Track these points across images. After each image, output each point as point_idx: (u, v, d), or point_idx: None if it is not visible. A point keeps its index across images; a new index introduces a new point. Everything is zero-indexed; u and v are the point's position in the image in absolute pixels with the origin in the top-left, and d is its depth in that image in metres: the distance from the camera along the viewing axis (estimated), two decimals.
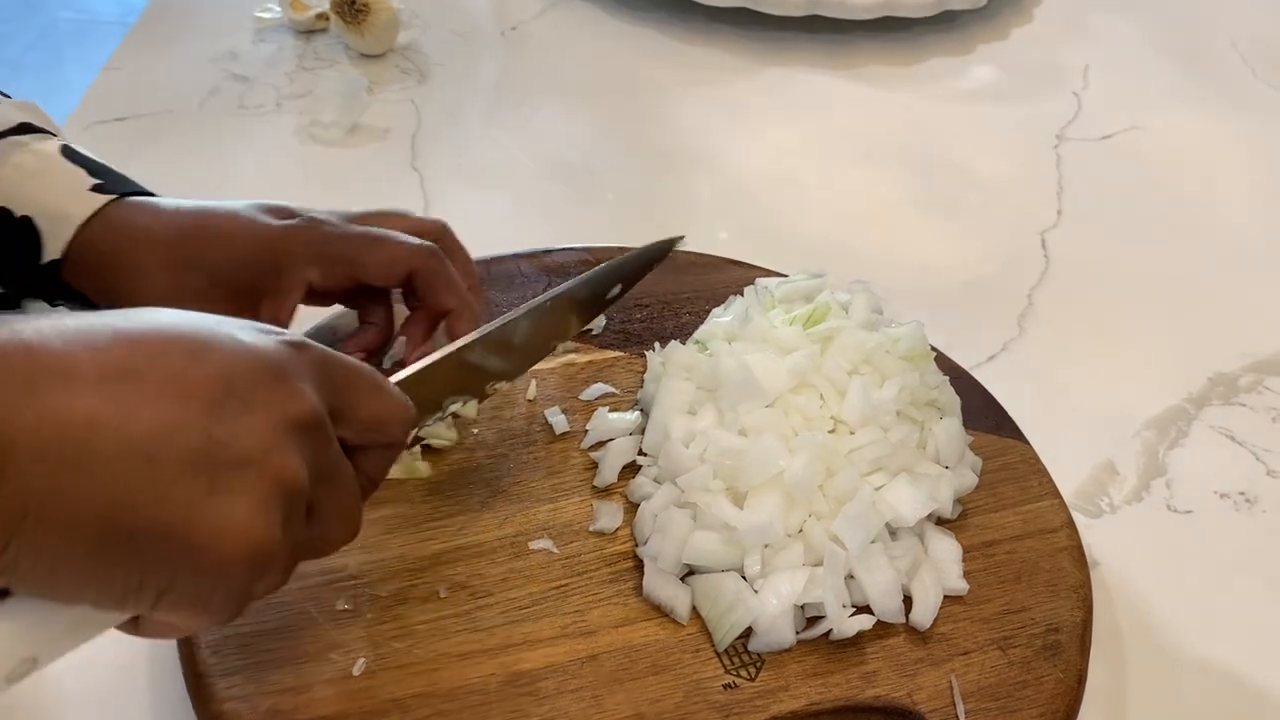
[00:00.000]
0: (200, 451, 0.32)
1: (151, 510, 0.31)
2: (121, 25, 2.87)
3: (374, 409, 0.40)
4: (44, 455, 0.30)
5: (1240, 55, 1.12)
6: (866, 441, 0.53)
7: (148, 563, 0.32)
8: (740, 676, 0.49)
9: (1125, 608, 0.58)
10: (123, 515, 0.31)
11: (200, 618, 0.34)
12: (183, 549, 0.32)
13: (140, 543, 0.32)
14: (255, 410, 0.34)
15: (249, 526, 0.33)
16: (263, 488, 0.33)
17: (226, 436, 0.33)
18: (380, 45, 0.95)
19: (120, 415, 0.31)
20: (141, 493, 0.31)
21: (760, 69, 1.02)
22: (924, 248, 0.82)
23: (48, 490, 0.30)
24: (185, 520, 0.32)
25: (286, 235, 0.53)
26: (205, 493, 0.32)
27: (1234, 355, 0.75)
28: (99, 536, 0.31)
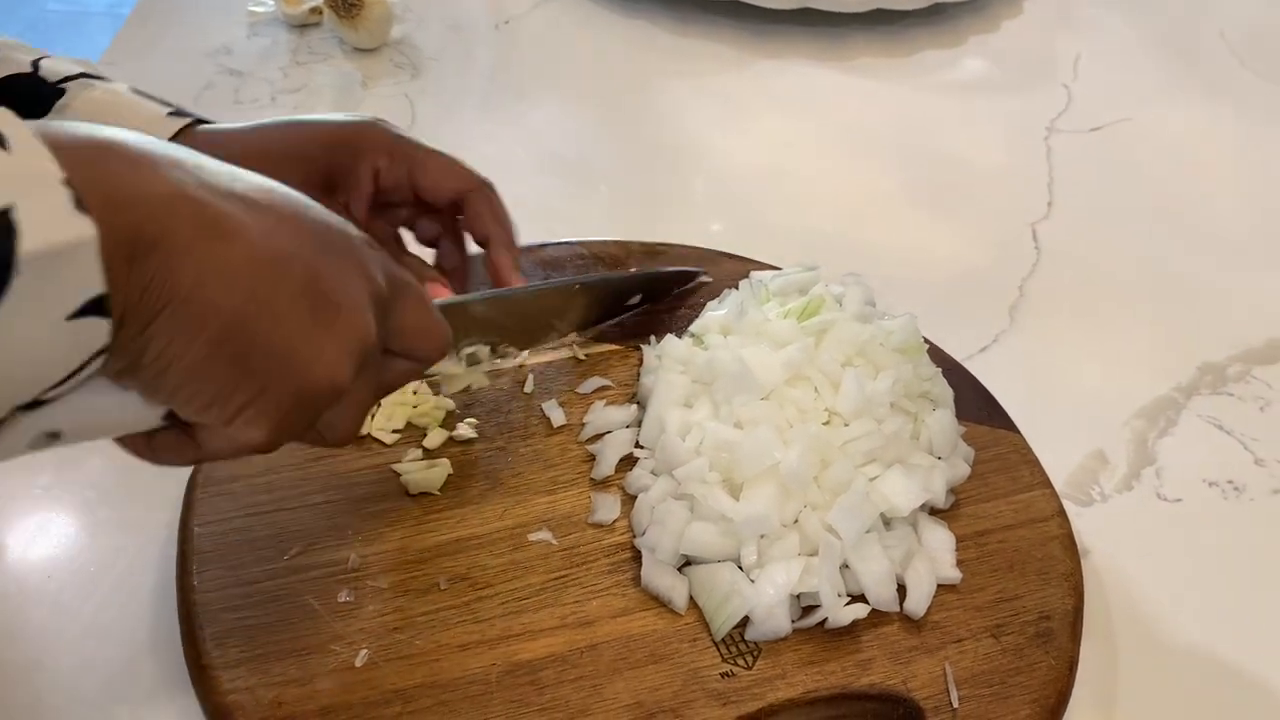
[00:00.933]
0: (310, 287, 0.36)
1: (267, 327, 0.35)
2: (111, 16, 2.86)
3: (417, 320, 0.43)
4: (193, 252, 0.33)
5: (1229, 46, 1.13)
6: (861, 433, 0.54)
7: (250, 373, 0.35)
8: (737, 665, 0.50)
9: (1116, 595, 0.58)
10: (245, 325, 0.34)
11: (260, 434, 0.37)
12: (282, 368, 0.36)
13: (249, 353, 0.35)
14: (351, 270, 0.38)
15: (336, 360, 0.37)
16: (349, 335, 0.37)
17: (331, 281, 0.37)
18: (374, 39, 0.95)
19: (260, 235, 0.35)
20: (260, 308, 0.34)
21: (753, 61, 1.02)
22: (916, 240, 0.83)
23: (192, 284, 0.33)
24: (290, 344, 0.36)
25: (359, 128, 0.56)
26: (310, 324, 0.36)
27: (1222, 345, 0.76)
28: (219, 340, 0.34)
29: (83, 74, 0.57)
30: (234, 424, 0.36)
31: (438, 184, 0.57)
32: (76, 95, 0.55)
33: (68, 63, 0.58)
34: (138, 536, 0.55)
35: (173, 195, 0.33)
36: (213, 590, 0.49)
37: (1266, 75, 1.08)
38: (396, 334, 0.42)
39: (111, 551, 0.54)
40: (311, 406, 0.37)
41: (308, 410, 0.38)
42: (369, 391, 0.42)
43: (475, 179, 0.57)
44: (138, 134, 0.34)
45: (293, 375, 0.36)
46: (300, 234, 0.37)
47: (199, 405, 0.35)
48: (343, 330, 0.37)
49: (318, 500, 0.54)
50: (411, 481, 0.55)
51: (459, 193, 0.57)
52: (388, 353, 0.43)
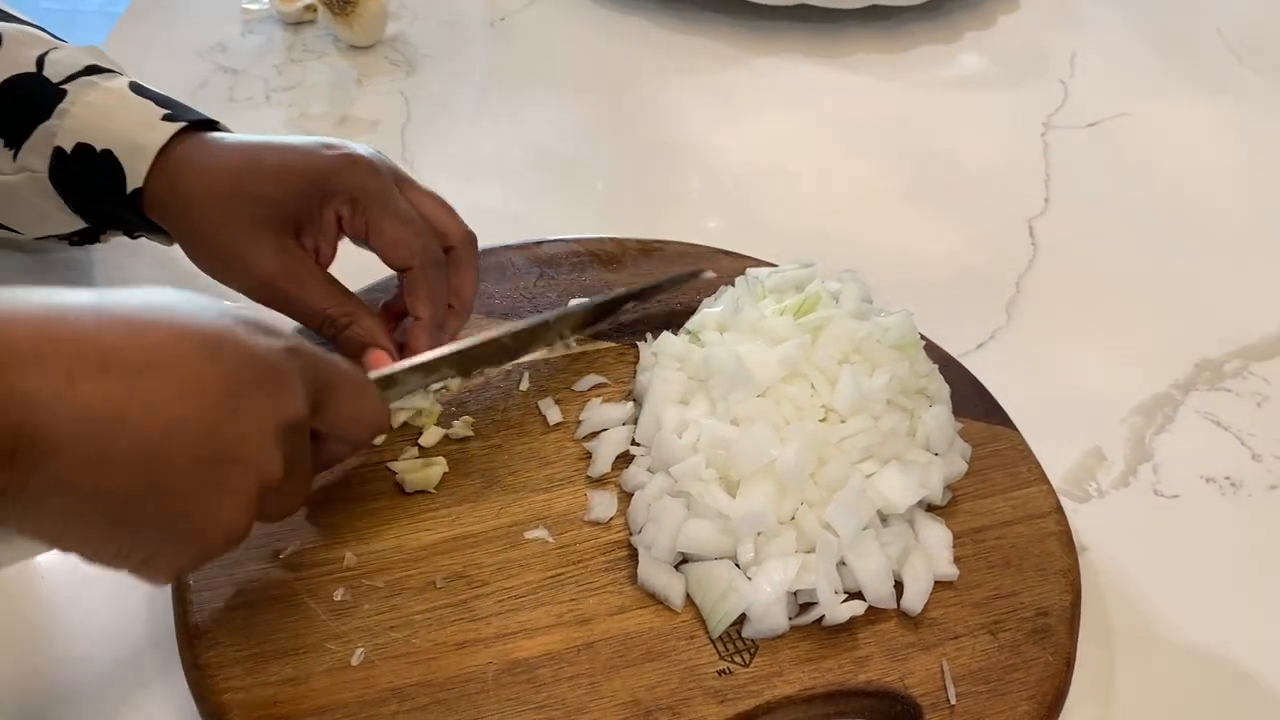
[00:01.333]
0: (204, 448, 0.37)
1: (158, 500, 0.36)
2: (104, 15, 2.86)
3: (352, 409, 0.45)
4: (76, 444, 0.33)
5: (1225, 42, 1.13)
6: (857, 430, 0.54)
7: (145, 538, 0.37)
8: (734, 662, 0.50)
9: (1113, 591, 0.58)
10: (134, 503, 0.36)
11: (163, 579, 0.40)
12: (177, 532, 0.38)
13: (144, 524, 0.36)
14: (253, 413, 0.38)
15: (233, 518, 0.38)
16: (249, 484, 0.38)
17: (229, 437, 0.37)
18: (369, 37, 0.95)
19: (143, 411, 0.35)
20: (153, 486, 0.36)
21: (749, 58, 1.02)
22: (913, 236, 0.83)
23: (77, 477, 0.34)
24: (184, 510, 0.37)
25: (333, 166, 0.55)
26: (204, 485, 0.37)
27: (1220, 341, 0.76)
28: (112, 518, 0.36)
29: (90, 67, 0.57)
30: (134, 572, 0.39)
31: (385, 254, 0.56)
32: (76, 99, 0.56)
33: (77, 53, 0.58)
34: None
35: (53, 392, 0.33)
36: (208, 590, 0.49)
37: (1263, 71, 1.08)
38: (332, 425, 0.45)
39: None
40: (214, 553, 0.40)
41: (209, 556, 0.40)
42: (302, 480, 0.44)
43: (427, 257, 0.56)
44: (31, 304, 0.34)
45: (189, 538, 0.38)
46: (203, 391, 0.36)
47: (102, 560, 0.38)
48: (242, 482, 0.38)
49: (313, 499, 0.54)
50: (407, 480, 0.55)
51: (402, 266, 0.56)
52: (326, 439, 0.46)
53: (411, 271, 0.56)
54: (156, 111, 0.56)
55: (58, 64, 0.57)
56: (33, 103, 0.56)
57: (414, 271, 0.56)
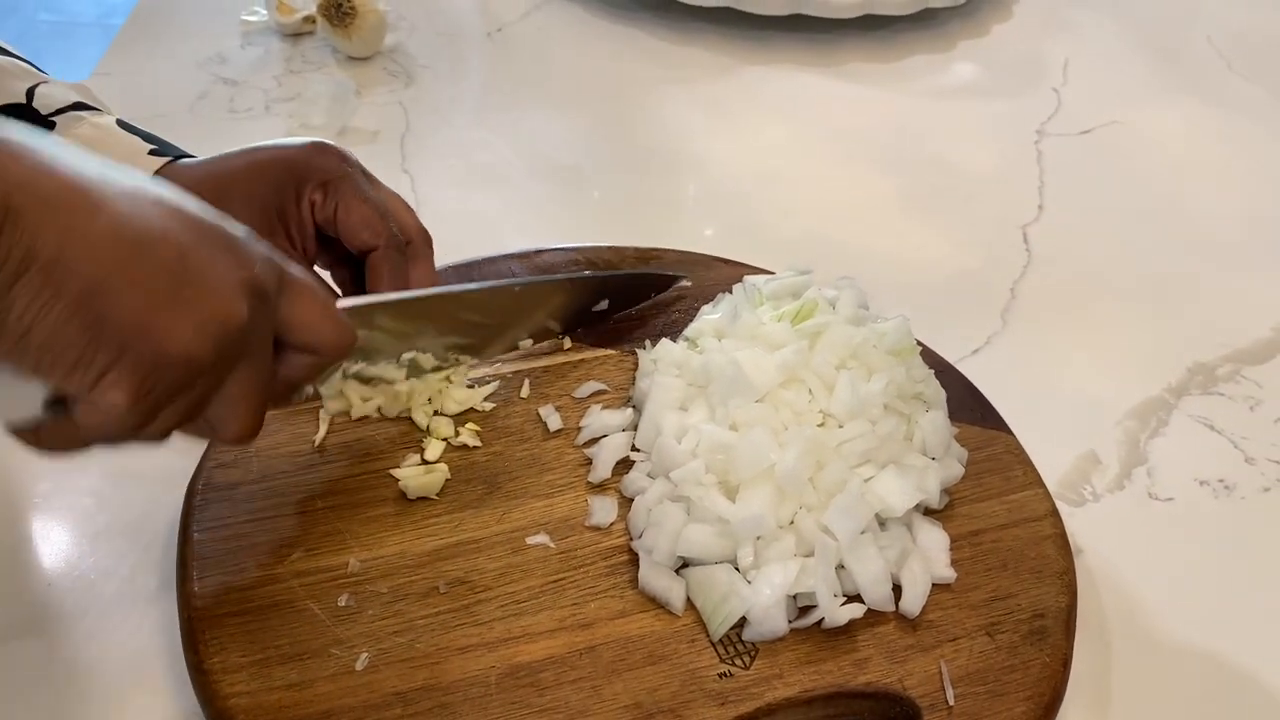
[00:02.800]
0: (174, 264, 0.38)
1: (121, 295, 0.37)
2: (100, 27, 2.86)
3: (307, 312, 0.45)
4: (55, 222, 0.35)
5: (1216, 50, 1.14)
6: (855, 434, 0.54)
7: (107, 337, 0.37)
8: (735, 665, 0.50)
9: (1109, 593, 0.59)
10: (101, 292, 0.37)
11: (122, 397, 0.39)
12: (137, 334, 0.38)
13: (107, 317, 0.37)
14: (225, 256, 0.40)
15: (190, 336, 0.39)
16: (209, 312, 0.39)
17: (197, 262, 0.39)
18: (367, 48, 0.96)
19: (119, 212, 0.37)
20: (120, 276, 0.37)
21: (743, 67, 1.03)
22: (908, 243, 0.84)
23: (54, 249, 0.35)
24: (147, 313, 0.38)
25: (304, 154, 0.57)
26: (168, 298, 0.38)
27: (1212, 345, 0.76)
28: (77, 304, 0.36)
29: (77, 103, 0.58)
30: (97, 388, 0.38)
31: (352, 232, 0.56)
32: (65, 131, 0.56)
33: (65, 89, 0.59)
34: (137, 543, 0.55)
35: (38, 172, 0.36)
36: (213, 595, 0.49)
37: (1253, 78, 1.09)
38: (287, 326, 0.45)
39: (112, 558, 0.55)
40: (168, 377, 0.39)
41: (165, 380, 0.39)
42: (253, 383, 0.43)
43: (386, 236, 0.56)
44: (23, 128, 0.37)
45: (147, 341, 0.38)
46: (172, 219, 0.39)
47: (62, 369, 0.37)
48: (202, 308, 0.39)
49: (317, 506, 0.54)
50: (410, 486, 0.55)
51: (366, 246, 0.57)
52: (287, 349, 0.45)
53: (375, 252, 0.57)
54: (143, 146, 0.57)
55: (47, 97, 0.58)
56: None
57: (378, 252, 0.57)
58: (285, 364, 0.46)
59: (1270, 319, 0.79)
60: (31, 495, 0.58)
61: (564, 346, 0.64)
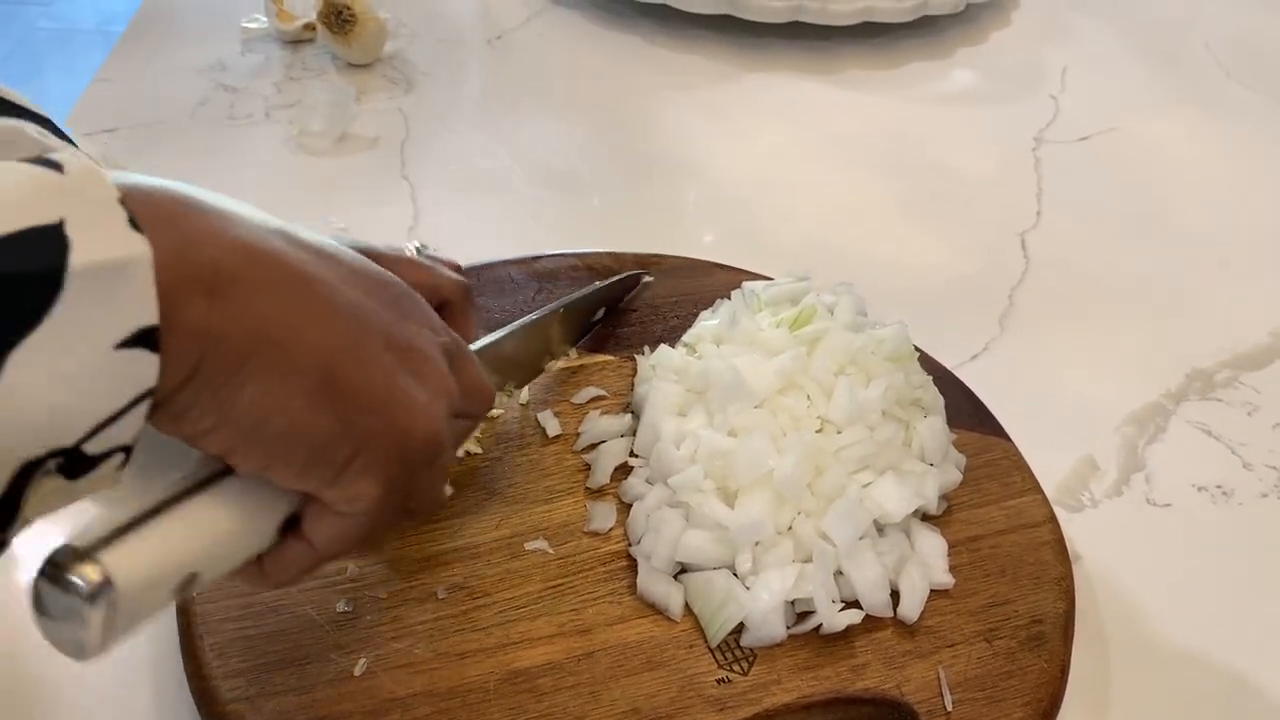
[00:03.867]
0: (394, 333, 0.36)
1: (359, 370, 0.34)
2: (101, 34, 2.87)
3: (472, 378, 0.42)
4: (276, 290, 0.32)
5: (1215, 57, 1.14)
6: (853, 440, 0.55)
7: (352, 422, 0.33)
8: (733, 671, 0.50)
9: (1107, 599, 0.59)
10: (337, 367, 0.33)
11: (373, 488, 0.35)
12: (383, 414, 0.34)
13: (350, 400, 0.33)
14: (421, 320, 0.38)
15: (428, 408, 0.36)
16: (434, 382, 0.37)
17: (413, 329, 0.37)
18: (367, 55, 0.96)
19: (332, 279, 0.34)
20: (352, 351, 0.34)
21: (743, 74, 1.03)
22: (907, 250, 0.84)
23: (281, 318, 0.31)
24: (388, 390, 0.35)
25: None
26: (401, 370, 0.35)
27: (1210, 352, 0.77)
28: (316, 382, 0.32)
29: None
30: (341, 480, 0.34)
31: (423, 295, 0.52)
32: None
33: None
34: None
35: (248, 237, 0.31)
36: (211, 601, 0.49)
37: (1251, 85, 1.10)
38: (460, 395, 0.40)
39: None
40: (415, 458, 0.36)
41: (412, 463, 0.36)
42: (452, 454, 0.41)
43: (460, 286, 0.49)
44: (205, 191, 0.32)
45: (394, 422, 0.35)
46: (372, 286, 0.36)
47: (302, 460, 0.33)
48: (432, 379, 0.36)
49: None
50: None
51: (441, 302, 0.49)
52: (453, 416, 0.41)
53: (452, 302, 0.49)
54: None
55: None
56: None
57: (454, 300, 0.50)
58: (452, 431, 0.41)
59: (1268, 325, 0.79)
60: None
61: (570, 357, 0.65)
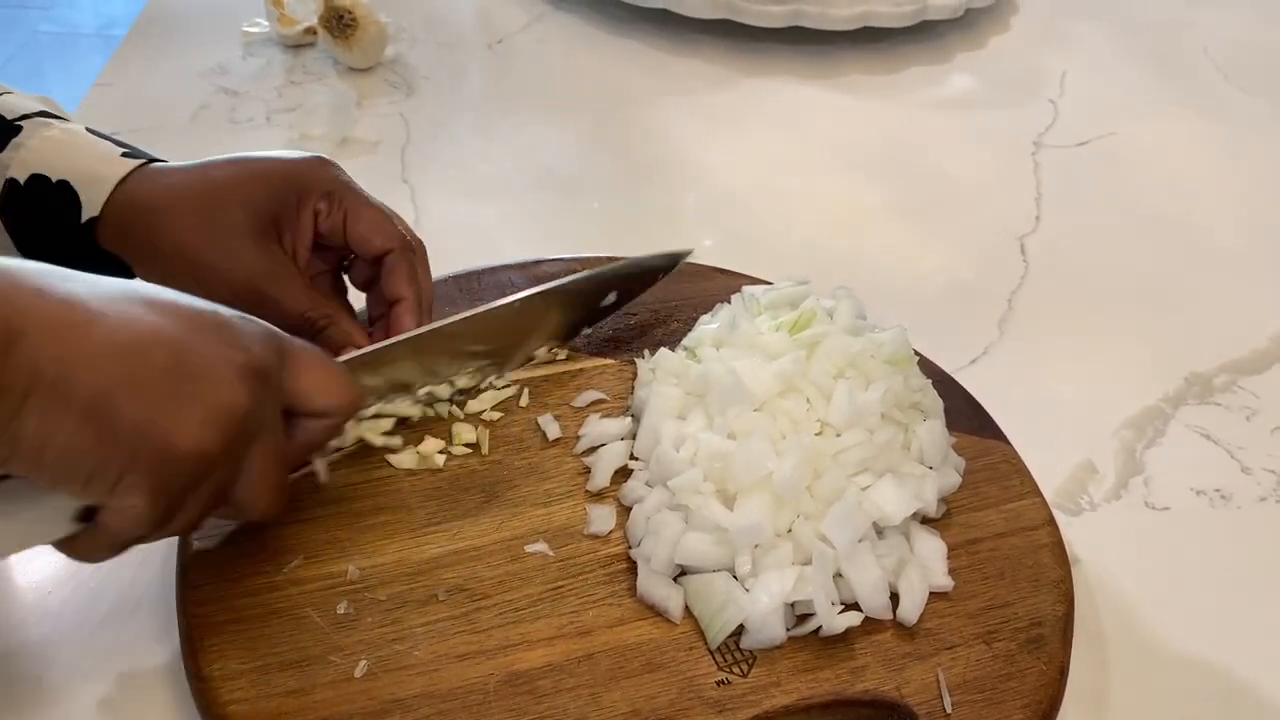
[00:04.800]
0: (171, 363, 0.40)
1: (125, 401, 0.39)
2: (102, 38, 2.87)
3: (313, 380, 0.47)
4: (55, 340, 0.37)
5: (1213, 61, 1.15)
6: (852, 443, 0.55)
7: (118, 443, 0.39)
8: (733, 673, 0.50)
9: (1105, 602, 0.59)
10: (107, 401, 0.38)
11: (141, 501, 0.40)
12: (145, 436, 0.39)
13: (115, 424, 0.39)
14: (221, 344, 0.42)
15: (197, 430, 0.40)
16: (212, 404, 0.41)
17: (194, 357, 0.41)
18: (368, 59, 0.96)
19: (115, 320, 0.39)
20: (122, 383, 0.39)
21: (742, 79, 1.03)
22: (906, 254, 0.84)
23: (57, 366, 0.37)
24: (152, 414, 0.39)
25: (305, 167, 0.58)
26: (170, 396, 0.40)
27: (1209, 356, 0.77)
28: (86, 413, 0.38)
29: (42, 112, 0.57)
30: (115, 494, 0.40)
31: (365, 238, 0.58)
32: (32, 133, 0.56)
33: (29, 100, 0.58)
34: (137, 551, 0.55)
35: (39, 296, 0.38)
36: (213, 602, 0.50)
37: (1249, 90, 1.10)
38: (295, 396, 0.46)
39: (111, 566, 0.54)
40: (182, 473, 0.41)
41: (180, 477, 0.41)
42: (271, 458, 0.45)
43: (399, 239, 0.58)
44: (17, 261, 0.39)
45: (156, 442, 0.39)
46: (165, 317, 0.41)
47: (80, 480, 0.39)
48: (204, 401, 0.41)
49: (316, 513, 0.54)
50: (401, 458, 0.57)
51: (382, 249, 0.58)
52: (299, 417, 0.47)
53: (391, 254, 0.58)
54: (115, 149, 0.57)
55: (11, 105, 0.57)
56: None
57: (394, 254, 0.58)
58: (300, 431, 0.47)
59: (1267, 329, 0.80)
60: None
61: (558, 357, 0.65)
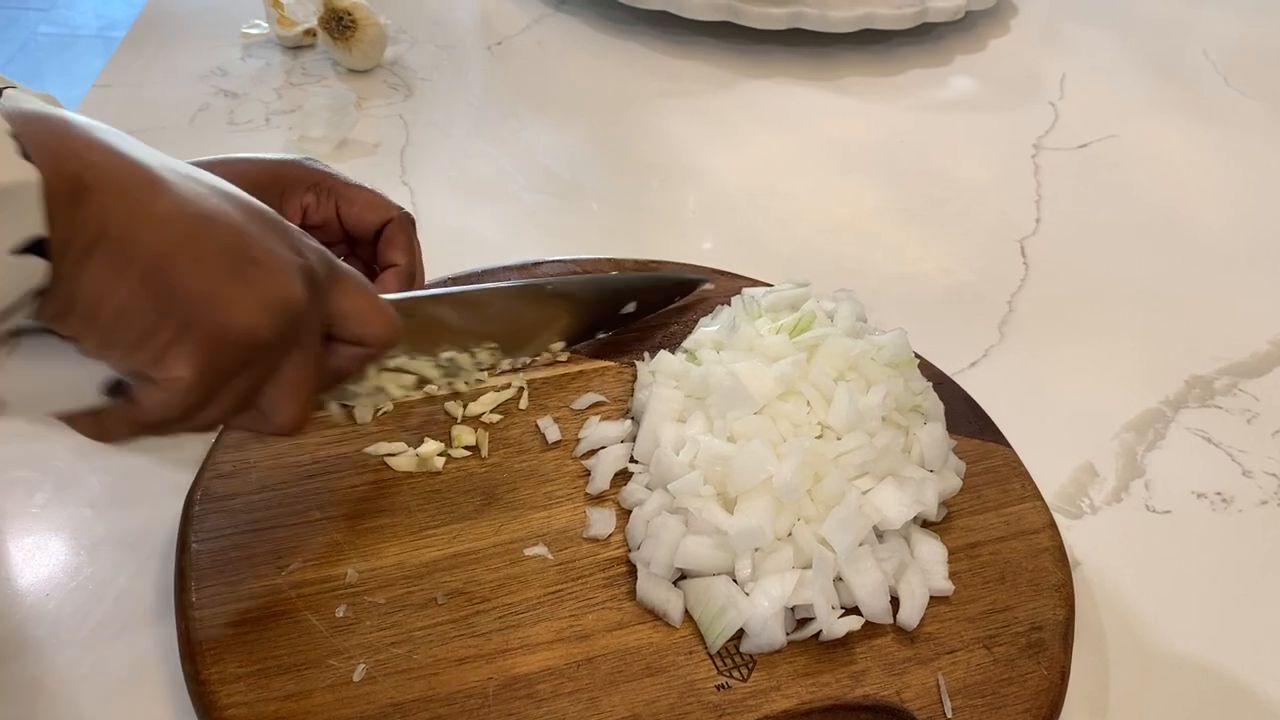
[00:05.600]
0: (234, 243, 0.40)
1: (188, 269, 0.38)
2: (102, 39, 2.87)
3: (356, 303, 0.46)
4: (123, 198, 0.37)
5: (1213, 64, 1.15)
6: (853, 446, 0.55)
7: (172, 310, 0.38)
8: (733, 677, 0.50)
9: (1106, 605, 0.59)
10: (166, 265, 0.38)
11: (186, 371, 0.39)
12: (197, 308, 0.38)
13: (173, 291, 0.38)
14: (283, 241, 0.42)
15: (253, 312, 0.40)
16: (271, 292, 0.40)
17: (258, 243, 0.40)
18: (368, 61, 0.96)
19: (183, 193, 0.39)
20: (186, 251, 0.38)
21: (742, 81, 1.03)
22: (906, 256, 0.84)
23: (123, 224, 0.37)
24: (210, 287, 0.39)
25: (284, 166, 0.58)
26: (229, 274, 0.39)
27: (1209, 359, 0.77)
28: (147, 275, 0.37)
29: None
30: (161, 362, 0.39)
31: (362, 216, 0.59)
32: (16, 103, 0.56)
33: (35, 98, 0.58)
34: (136, 554, 0.55)
35: (109, 154, 0.37)
36: (211, 606, 0.49)
37: (1249, 92, 1.10)
38: (337, 317, 0.46)
39: (110, 569, 0.55)
40: (230, 354, 0.40)
41: (226, 357, 0.40)
42: (307, 370, 0.44)
43: (395, 209, 0.59)
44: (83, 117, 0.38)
45: (212, 315, 0.39)
46: (231, 203, 0.40)
47: (129, 342, 0.38)
48: (263, 285, 0.40)
49: (315, 516, 0.54)
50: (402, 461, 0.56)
51: (381, 221, 0.59)
52: (334, 340, 0.46)
53: (390, 223, 0.59)
54: None
55: None
56: None
57: (393, 223, 0.59)
58: (335, 355, 0.47)
59: (1267, 332, 0.80)
60: (29, 505, 0.58)
61: (560, 358, 0.64)
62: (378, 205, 0.59)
